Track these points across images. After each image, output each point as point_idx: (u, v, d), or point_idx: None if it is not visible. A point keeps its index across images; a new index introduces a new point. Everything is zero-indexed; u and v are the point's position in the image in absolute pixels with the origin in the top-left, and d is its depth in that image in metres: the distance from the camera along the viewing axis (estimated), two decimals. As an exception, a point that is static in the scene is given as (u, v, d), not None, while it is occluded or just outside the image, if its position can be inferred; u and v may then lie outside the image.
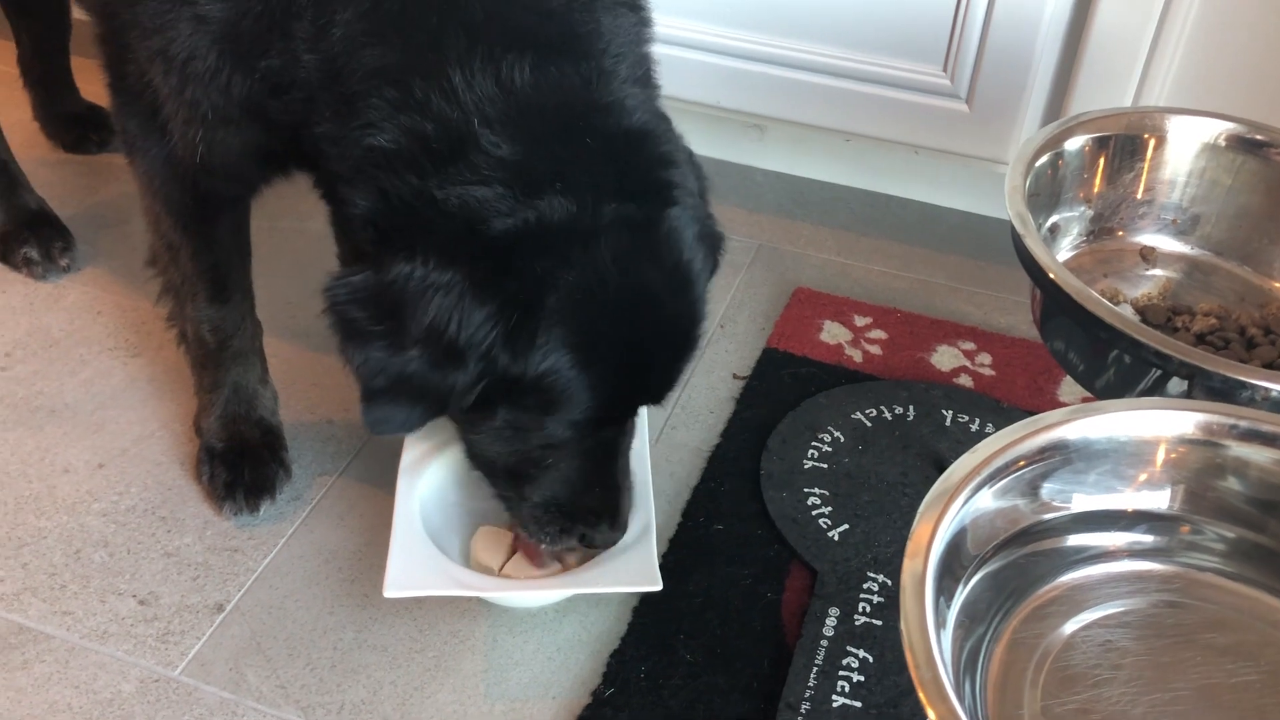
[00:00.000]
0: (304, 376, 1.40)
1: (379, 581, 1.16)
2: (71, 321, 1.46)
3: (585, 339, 0.90)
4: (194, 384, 1.26)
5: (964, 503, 0.76)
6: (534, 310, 0.88)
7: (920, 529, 0.72)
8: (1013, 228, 1.06)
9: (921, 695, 0.66)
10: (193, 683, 1.07)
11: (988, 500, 0.78)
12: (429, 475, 1.15)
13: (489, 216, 0.86)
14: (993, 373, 1.46)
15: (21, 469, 1.26)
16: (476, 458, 1.05)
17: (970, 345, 1.51)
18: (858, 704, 1.06)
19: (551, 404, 0.93)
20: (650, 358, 0.96)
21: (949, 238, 1.72)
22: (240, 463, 1.22)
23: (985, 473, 0.77)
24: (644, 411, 1.19)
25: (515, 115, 0.87)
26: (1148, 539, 0.82)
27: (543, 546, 1.07)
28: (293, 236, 1.59)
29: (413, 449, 1.16)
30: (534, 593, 1.10)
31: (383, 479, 1.28)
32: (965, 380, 1.45)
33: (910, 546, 0.71)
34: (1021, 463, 0.79)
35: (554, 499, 1.03)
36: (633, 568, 1.05)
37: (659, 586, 1.03)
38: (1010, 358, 1.49)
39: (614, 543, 1.07)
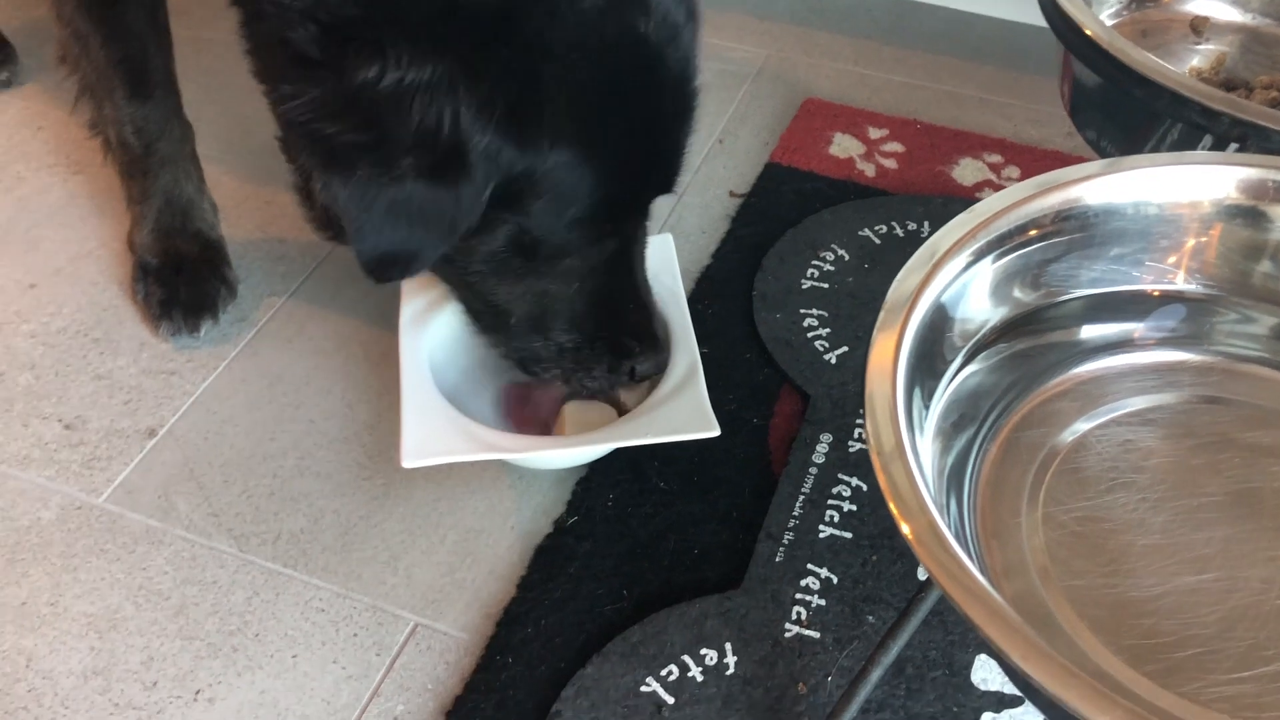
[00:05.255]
0: (257, 193, 1.28)
1: (325, 406, 1.06)
2: (9, 138, 1.34)
3: (590, 105, 0.77)
4: (124, 196, 1.14)
5: (954, 276, 0.63)
6: (533, 83, 0.75)
7: (894, 302, 0.59)
8: (1039, -13, 0.90)
9: (892, 506, 0.54)
10: (117, 510, 0.98)
11: (985, 275, 0.64)
12: (437, 327, 1.00)
13: None
14: (1021, 187, 1.31)
15: (-54, 289, 1.16)
16: (484, 313, 0.93)
17: (997, 158, 1.35)
18: (847, 534, 0.94)
19: (558, 192, 0.80)
20: (651, 119, 0.83)
21: (980, 47, 1.54)
22: (176, 279, 1.11)
23: (983, 239, 0.63)
24: (672, 246, 1.07)
25: None
26: (1180, 325, 0.68)
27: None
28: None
29: (411, 304, 1.01)
30: (576, 450, 0.96)
31: (335, 301, 1.16)
32: (989, 195, 1.30)
33: (881, 320, 0.58)
34: (1033, 231, 0.65)
35: (588, 332, 0.91)
36: (684, 413, 0.92)
37: (716, 431, 0.90)
38: (1041, 170, 1.30)
39: (661, 369, 0.95)
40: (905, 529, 0.53)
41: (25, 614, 0.90)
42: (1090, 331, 0.68)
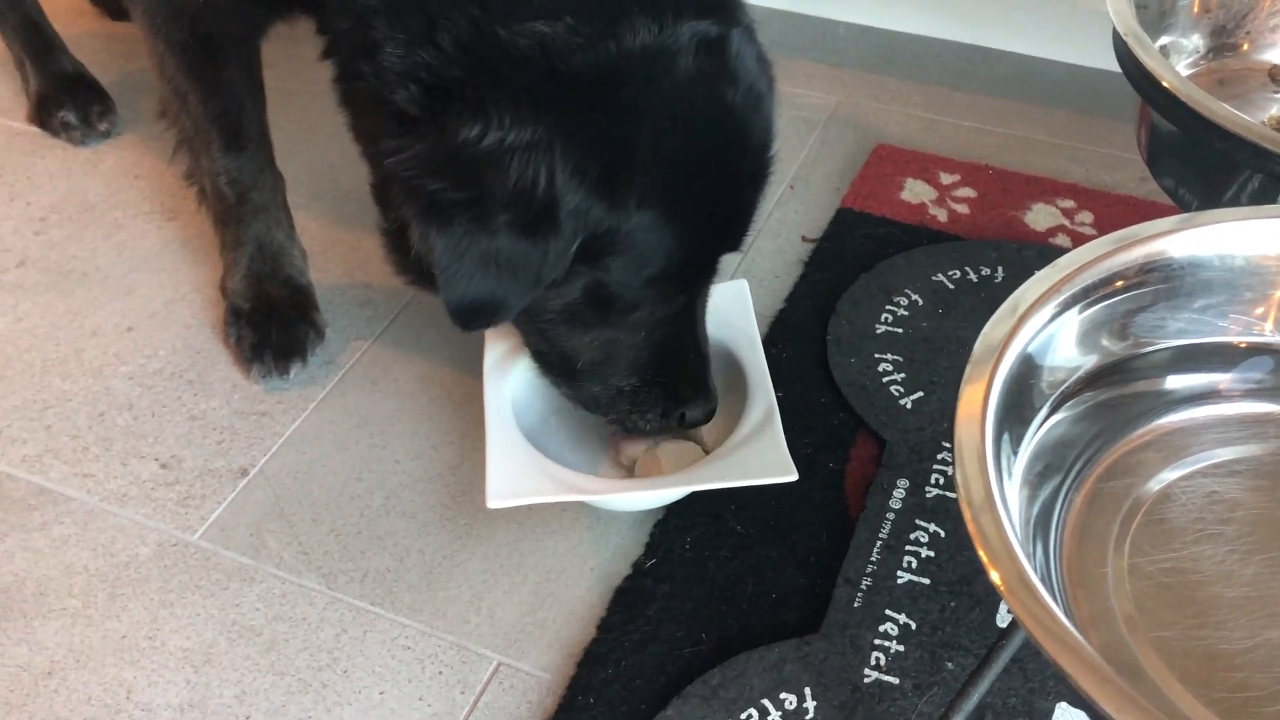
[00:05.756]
0: (343, 239, 1.32)
1: (410, 446, 1.09)
2: (108, 186, 1.40)
3: (677, 170, 0.80)
4: (217, 243, 1.19)
5: (1040, 328, 0.64)
6: (626, 147, 0.78)
7: (980, 354, 0.60)
8: (1118, 40, 0.91)
9: (981, 553, 0.55)
10: (211, 547, 1.01)
11: (1071, 325, 0.65)
12: (519, 371, 1.03)
13: (567, 53, 0.75)
14: (1094, 232, 1.31)
15: (50, 332, 1.21)
16: (550, 356, 0.96)
17: (1070, 203, 1.35)
18: (925, 580, 0.95)
19: (638, 251, 0.83)
20: (730, 184, 0.86)
21: (1050, 92, 1.55)
22: (268, 323, 1.15)
23: (1067, 291, 0.64)
24: (747, 292, 1.10)
25: None
26: (1267, 377, 0.68)
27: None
28: (337, 98, 1.51)
29: (494, 349, 1.04)
30: (654, 493, 0.98)
31: (419, 344, 1.20)
32: (1063, 240, 1.30)
33: (969, 372, 0.60)
34: (1119, 283, 0.66)
35: (646, 378, 0.94)
36: (761, 457, 0.93)
37: (794, 476, 0.91)
38: (1115, 216, 1.33)
39: (709, 417, 0.97)
40: (995, 577, 0.54)
41: (125, 647, 0.94)
42: (1175, 382, 0.69)
